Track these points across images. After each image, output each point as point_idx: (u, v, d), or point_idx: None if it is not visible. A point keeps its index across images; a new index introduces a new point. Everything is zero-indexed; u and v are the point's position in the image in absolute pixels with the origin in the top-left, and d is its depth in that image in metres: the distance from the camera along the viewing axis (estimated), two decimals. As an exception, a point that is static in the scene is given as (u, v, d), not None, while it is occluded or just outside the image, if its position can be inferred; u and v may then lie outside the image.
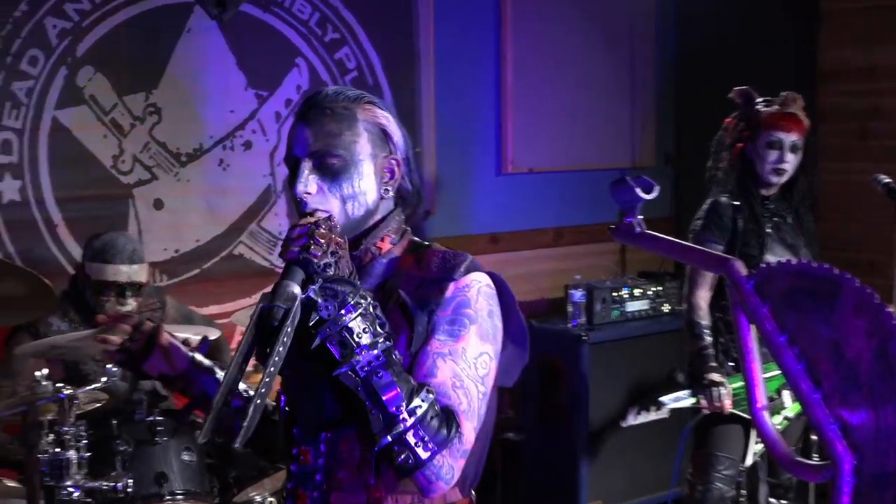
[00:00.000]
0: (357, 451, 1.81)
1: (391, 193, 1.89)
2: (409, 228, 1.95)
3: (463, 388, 1.75)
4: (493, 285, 1.86)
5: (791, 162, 3.63)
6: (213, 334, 3.40)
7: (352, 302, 1.67)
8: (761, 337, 1.72)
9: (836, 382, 1.61)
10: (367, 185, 1.85)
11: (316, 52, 4.40)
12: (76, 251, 3.89)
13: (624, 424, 4.51)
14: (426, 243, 1.93)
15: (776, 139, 3.62)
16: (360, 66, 4.52)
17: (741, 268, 1.75)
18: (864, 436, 1.57)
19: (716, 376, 3.52)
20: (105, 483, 3.09)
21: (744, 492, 3.78)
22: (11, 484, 3.22)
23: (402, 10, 4.62)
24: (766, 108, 3.67)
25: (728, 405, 3.51)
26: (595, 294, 4.65)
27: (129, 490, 3.12)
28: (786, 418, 3.58)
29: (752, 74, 4.58)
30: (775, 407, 3.59)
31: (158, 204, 4.10)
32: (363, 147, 1.85)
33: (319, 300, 1.66)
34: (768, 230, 3.65)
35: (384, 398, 1.67)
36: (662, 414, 4.39)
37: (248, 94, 4.24)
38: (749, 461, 3.65)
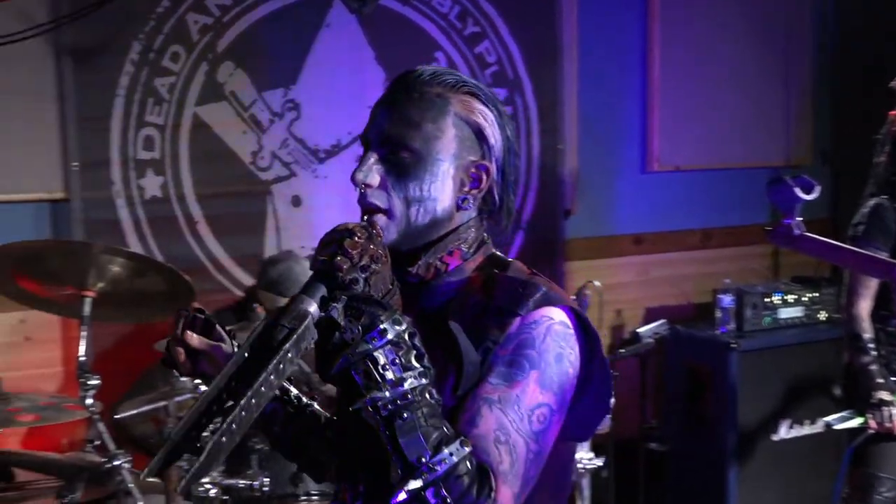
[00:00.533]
0: None
1: (472, 204, 1.62)
2: (488, 242, 1.67)
3: (508, 444, 1.47)
4: (569, 324, 1.55)
5: None
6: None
7: (380, 327, 1.41)
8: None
9: None
10: (439, 190, 1.60)
11: (455, 46, 4.32)
12: (215, 247, 3.93)
13: (775, 438, 4.34)
14: (508, 260, 1.66)
15: None
16: (501, 59, 4.42)
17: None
18: None
19: (885, 395, 3.32)
20: (242, 481, 3.10)
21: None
22: (151, 480, 3.23)
23: (545, 2, 4.50)
24: None
25: None
26: (745, 299, 4.47)
27: (265, 489, 3.12)
28: None
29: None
30: None
31: (296, 201, 4.08)
32: (446, 145, 1.60)
33: (342, 321, 1.42)
34: None
35: (403, 444, 1.40)
36: (817, 428, 4.20)
37: (387, 89, 4.19)
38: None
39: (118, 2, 3.41)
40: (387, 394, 1.40)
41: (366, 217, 1.62)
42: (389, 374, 1.40)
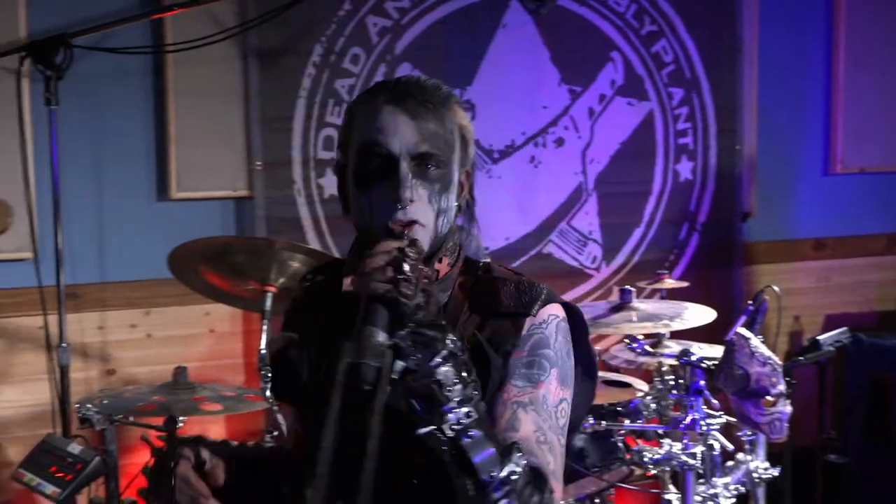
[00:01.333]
0: None
1: (461, 209, 1.66)
2: (461, 245, 1.68)
3: (547, 443, 1.52)
4: (566, 318, 1.63)
5: None
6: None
7: (443, 350, 1.40)
8: None
9: None
10: (454, 199, 1.63)
11: (632, 46, 4.27)
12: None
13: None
14: (481, 262, 1.69)
15: None
16: (678, 58, 4.34)
17: None
18: None
19: None
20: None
21: None
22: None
23: (725, 0, 4.40)
24: None
25: None
26: (933, 307, 4.27)
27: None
28: None
29: None
30: None
31: (470, 201, 4.10)
32: (456, 155, 1.63)
33: (405, 347, 1.39)
34: None
35: (476, 462, 1.39)
36: None
37: (562, 90, 4.17)
38: None
39: (302, 6, 3.49)
40: (452, 415, 1.39)
41: (404, 233, 1.53)
42: (455, 393, 1.39)
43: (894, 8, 4.77)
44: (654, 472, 3.37)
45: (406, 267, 1.41)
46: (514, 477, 1.41)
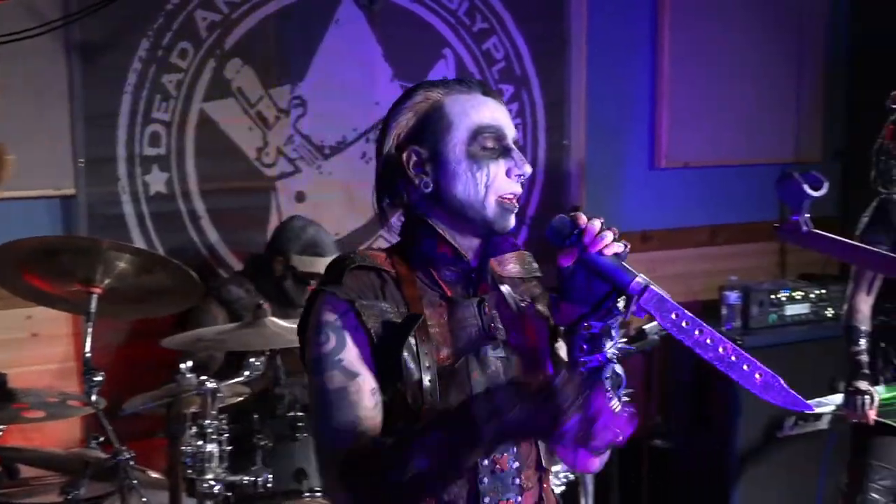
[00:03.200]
0: (533, 446, 1.81)
1: None
2: None
3: None
4: None
5: None
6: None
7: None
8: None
9: None
10: None
11: (464, 43, 4.31)
12: (218, 243, 3.95)
13: (780, 435, 4.34)
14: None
15: None
16: (508, 55, 4.41)
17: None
18: None
19: (863, 384, 3.44)
20: (245, 477, 3.10)
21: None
22: (155, 475, 3.25)
23: (554, -3, 4.50)
24: None
25: (871, 415, 3.42)
26: (752, 297, 4.46)
27: (269, 485, 3.13)
28: None
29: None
30: None
31: (300, 196, 4.08)
32: None
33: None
34: None
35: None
36: (821, 425, 4.20)
37: (394, 86, 4.18)
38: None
39: (127, -1, 3.42)
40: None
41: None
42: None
43: (716, 6, 4.95)
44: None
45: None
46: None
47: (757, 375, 1.70)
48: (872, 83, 5.05)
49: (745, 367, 1.68)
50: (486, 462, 1.74)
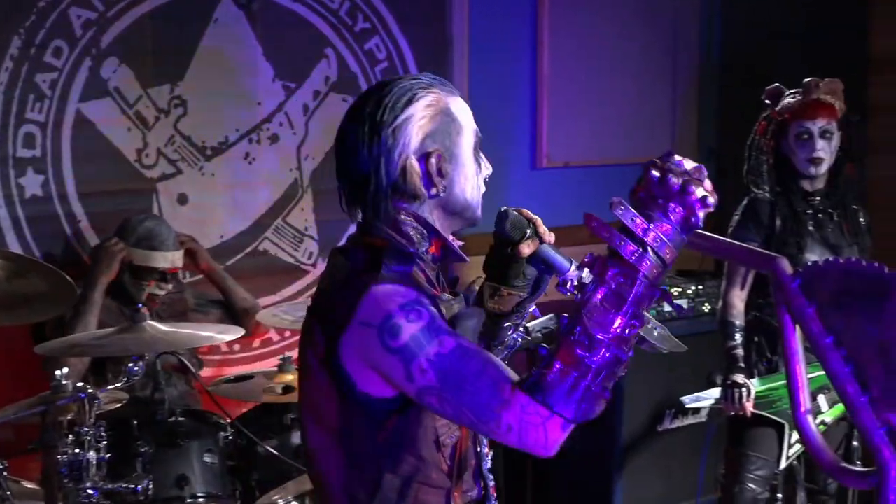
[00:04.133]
0: None
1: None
2: None
3: None
4: None
5: (824, 149, 3.58)
6: (237, 332, 3.35)
7: None
8: (806, 338, 1.62)
9: (884, 386, 1.54)
10: None
11: (345, 42, 4.30)
12: (99, 246, 3.85)
13: (660, 428, 4.43)
14: None
15: (804, 128, 3.58)
16: (391, 55, 4.42)
17: (787, 266, 1.65)
18: (912, 442, 1.48)
19: (739, 378, 3.51)
20: (125, 485, 3.03)
21: (780, 496, 3.71)
22: (30, 485, 3.16)
23: (435, -2, 4.51)
24: (790, 102, 3.61)
25: (748, 407, 3.49)
26: (631, 292, 4.53)
27: (150, 492, 3.07)
28: (823, 423, 3.50)
29: (801, 63, 4.44)
30: (815, 410, 3.51)
31: (182, 199, 4.02)
32: None
33: None
34: (809, 228, 3.58)
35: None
36: (700, 418, 4.31)
37: (276, 86, 4.15)
38: (783, 464, 3.58)
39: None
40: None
41: None
42: None
43: (595, 8, 5.03)
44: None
45: None
46: None
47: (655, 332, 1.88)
48: (743, 83, 5.23)
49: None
50: (484, 449, 1.88)
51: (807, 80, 3.61)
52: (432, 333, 1.67)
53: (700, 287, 4.73)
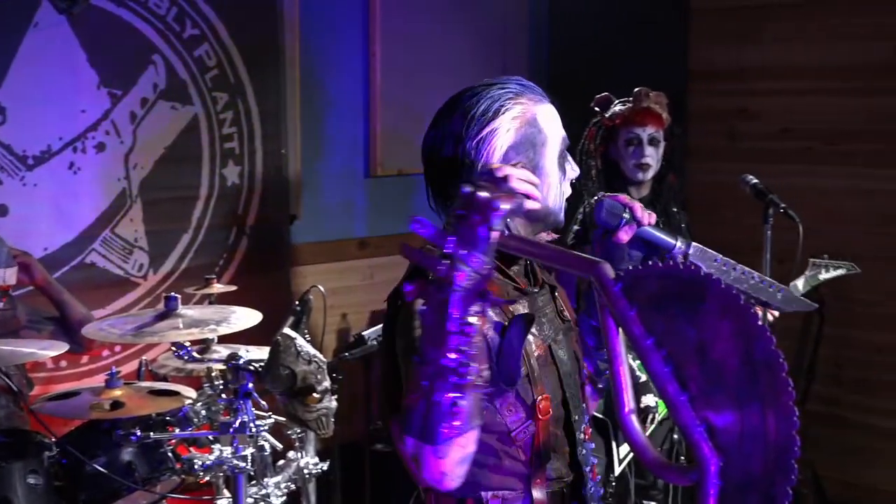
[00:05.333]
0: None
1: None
2: None
3: None
4: None
5: (652, 155, 3.71)
6: (60, 348, 3.24)
7: None
8: (628, 340, 1.66)
9: (703, 385, 1.58)
10: None
11: (174, 49, 4.20)
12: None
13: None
14: None
15: (633, 135, 3.70)
16: (221, 63, 4.34)
17: (609, 271, 1.69)
18: (730, 438, 1.53)
19: None
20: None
21: (611, 490, 3.79)
22: None
23: (266, 4, 4.45)
24: (620, 109, 3.72)
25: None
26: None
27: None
28: (659, 423, 3.60)
29: (625, 73, 4.58)
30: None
31: (3, 210, 3.85)
32: None
33: None
34: None
35: None
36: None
37: (101, 93, 4.03)
38: (618, 470, 3.65)
39: None
40: None
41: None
42: None
43: (425, 15, 5.07)
44: (206, 478, 3.36)
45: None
46: None
47: (778, 294, 1.89)
48: (570, 94, 5.34)
49: (769, 289, 1.87)
50: (580, 435, 1.98)
51: (637, 89, 3.72)
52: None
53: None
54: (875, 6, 4.88)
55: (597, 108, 3.80)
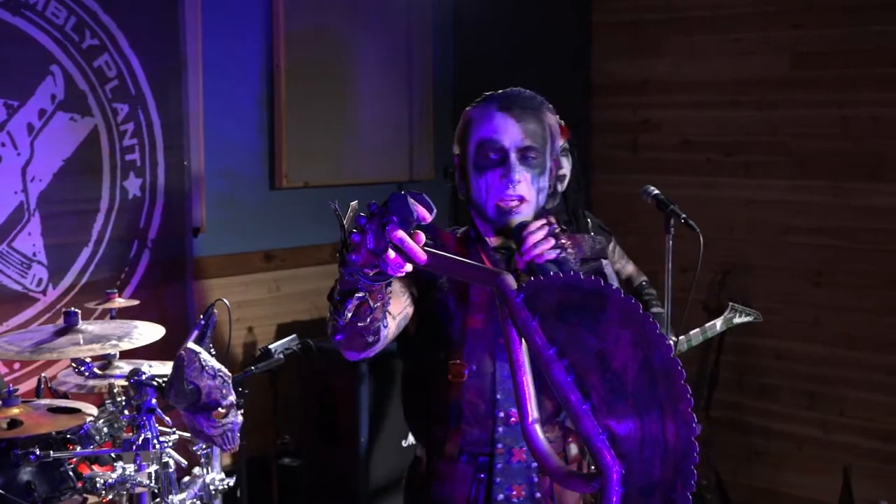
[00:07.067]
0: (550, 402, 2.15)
1: (551, 189, 2.27)
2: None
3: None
4: None
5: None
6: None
7: None
8: (530, 350, 1.67)
9: (604, 393, 1.60)
10: (547, 181, 2.22)
11: (73, 59, 4.11)
12: None
13: (405, 444, 4.48)
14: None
15: None
16: (122, 73, 4.26)
17: (511, 281, 1.71)
18: (631, 445, 1.56)
19: None
20: None
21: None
22: None
23: (167, 15, 4.38)
24: None
25: None
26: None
27: None
28: None
29: (530, 86, 4.61)
30: None
31: None
32: (548, 147, 2.22)
33: None
34: None
35: None
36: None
37: (-3, 104, 3.93)
38: None
39: None
40: None
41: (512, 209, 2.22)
42: None
43: (330, 26, 5.05)
44: (109, 497, 3.29)
45: (561, 237, 2.07)
46: None
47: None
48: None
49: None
50: (500, 414, 2.14)
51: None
52: None
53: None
54: (768, 21, 5.01)
55: None
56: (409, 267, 1.73)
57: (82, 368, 3.38)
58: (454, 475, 2.21)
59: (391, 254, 1.69)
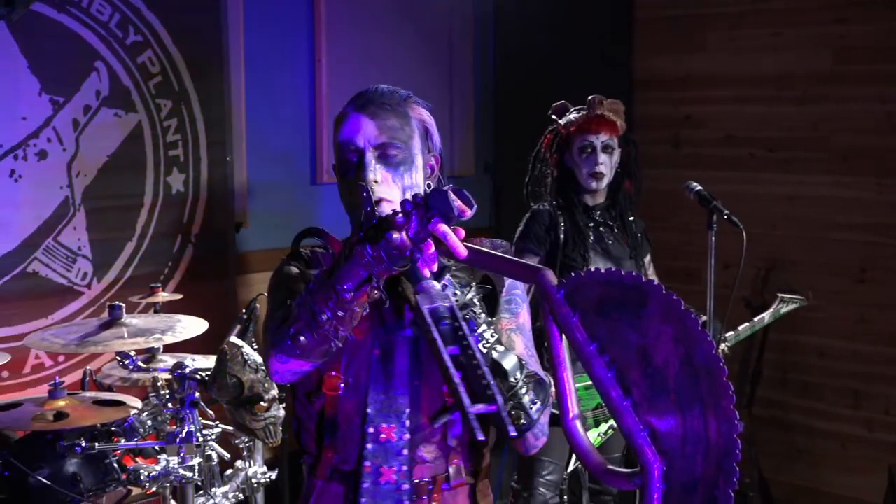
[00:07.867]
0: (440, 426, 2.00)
1: (430, 187, 2.08)
2: None
3: (534, 357, 2.05)
4: None
5: (606, 163, 3.72)
6: (2, 358, 3.20)
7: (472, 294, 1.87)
8: (571, 346, 1.67)
9: (645, 389, 1.59)
10: (418, 179, 2.03)
11: (116, 56, 4.16)
12: None
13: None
14: None
15: (587, 142, 3.71)
16: (165, 69, 4.30)
17: (552, 277, 1.71)
18: (672, 442, 1.55)
19: None
20: None
21: (566, 498, 3.81)
22: None
23: (210, 11, 4.42)
24: (575, 117, 3.74)
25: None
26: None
27: None
28: (612, 427, 3.61)
29: (571, 82, 4.62)
30: (603, 416, 3.61)
31: (-52, 223, 3.79)
32: (416, 143, 2.04)
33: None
34: (591, 241, 3.69)
35: (507, 368, 1.83)
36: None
37: (43, 100, 3.97)
38: (571, 467, 3.68)
39: None
40: (486, 334, 1.84)
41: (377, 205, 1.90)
42: (482, 317, 1.87)
43: (371, 21, 5.07)
44: (153, 489, 3.33)
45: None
46: (527, 378, 1.87)
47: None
48: (516, 101, 5.40)
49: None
50: (370, 430, 1.97)
51: (591, 96, 3.73)
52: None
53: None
54: (813, 15, 4.96)
55: (553, 116, 3.81)
56: (436, 266, 1.73)
57: (126, 362, 3.43)
58: (327, 494, 2.04)
59: (430, 247, 1.69)
